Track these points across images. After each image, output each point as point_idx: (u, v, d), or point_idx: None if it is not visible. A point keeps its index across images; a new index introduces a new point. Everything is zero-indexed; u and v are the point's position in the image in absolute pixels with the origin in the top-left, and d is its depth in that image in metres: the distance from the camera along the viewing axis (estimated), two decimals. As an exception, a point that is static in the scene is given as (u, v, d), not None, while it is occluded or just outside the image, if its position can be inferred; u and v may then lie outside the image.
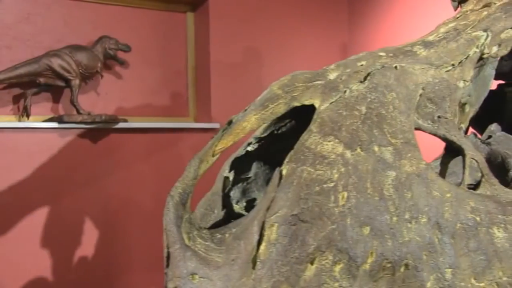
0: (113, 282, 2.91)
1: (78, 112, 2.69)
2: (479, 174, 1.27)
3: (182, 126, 3.02)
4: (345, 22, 3.70)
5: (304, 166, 0.87)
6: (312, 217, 0.83)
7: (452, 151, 1.08)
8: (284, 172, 0.87)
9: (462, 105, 1.55)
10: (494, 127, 1.35)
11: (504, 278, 0.96)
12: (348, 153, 0.89)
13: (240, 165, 1.07)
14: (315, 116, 0.93)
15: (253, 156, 1.08)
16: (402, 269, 0.86)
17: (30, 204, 2.68)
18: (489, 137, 1.33)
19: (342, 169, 0.87)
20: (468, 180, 1.21)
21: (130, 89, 3.09)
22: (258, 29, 3.27)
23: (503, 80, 1.84)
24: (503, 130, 1.79)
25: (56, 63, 2.63)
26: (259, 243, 0.83)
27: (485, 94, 1.51)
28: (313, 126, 0.91)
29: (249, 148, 1.08)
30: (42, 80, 2.64)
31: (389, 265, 0.85)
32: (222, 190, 1.04)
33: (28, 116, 2.68)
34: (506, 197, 1.04)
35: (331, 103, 0.94)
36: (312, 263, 0.82)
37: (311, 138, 0.89)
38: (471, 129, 1.62)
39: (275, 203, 0.84)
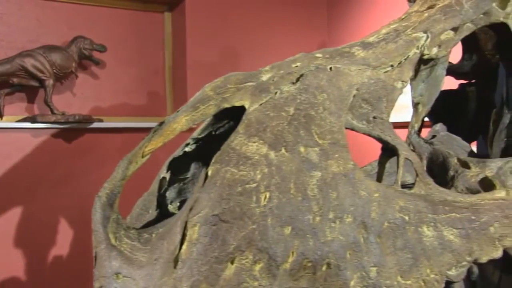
0: (88, 281, 2.91)
1: (52, 112, 2.70)
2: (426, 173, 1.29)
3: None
4: (324, 21, 3.71)
5: (228, 167, 0.88)
6: (233, 217, 0.84)
7: (388, 151, 1.09)
8: (209, 173, 0.88)
9: (415, 105, 1.57)
10: (438, 127, 1.37)
11: (432, 276, 0.97)
12: (272, 154, 0.90)
13: (178, 165, 1.09)
14: (243, 117, 0.94)
15: (191, 156, 1.09)
16: (324, 268, 0.87)
17: (4, 204, 2.68)
18: (433, 136, 1.35)
19: (265, 170, 0.88)
20: (409, 179, 1.22)
21: (107, 89, 3.10)
22: (235, 28, 3.28)
23: (464, 79, 1.86)
24: (465, 127, 1.81)
25: (29, 63, 2.64)
26: (181, 243, 0.84)
27: (437, 94, 1.53)
28: (240, 128, 0.92)
29: (187, 149, 1.09)
30: (15, 80, 2.64)
31: (310, 264, 0.86)
32: (158, 191, 1.05)
33: (1, 116, 2.68)
34: (439, 196, 1.06)
35: (260, 104, 0.96)
36: (232, 263, 0.83)
37: (236, 139, 0.91)
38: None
39: (198, 204, 0.86)
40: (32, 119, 2.63)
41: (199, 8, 3.16)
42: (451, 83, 1.78)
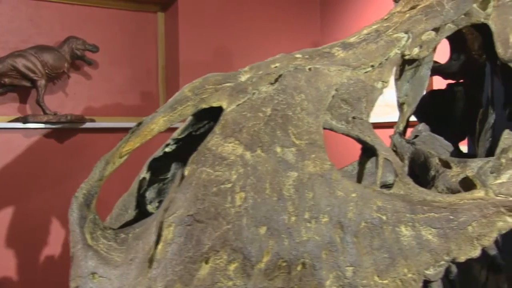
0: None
1: (44, 112, 2.70)
2: (405, 173, 1.29)
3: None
4: (317, 21, 3.71)
5: (203, 167, 0.88)
6: (208, 217, 0.85)
7: (368, 151, 1.09)
8: (185, 173, 0.89)
9: (400, 105, 1.57)
10: (421, 127, 1.37)
11: (409, 275, 0.98)
12: (248, 154, 0.90)
13: (159, 166, 1.09)
14: (220, 118, 0.95)
15: (171, 157, 1.10)
16: (299, 268, 0.88)
17: (-4, 204, 2.69)
18: (416, 136, 1.35)
19: (241, 170, 0.89)
20: (391, 179, 1.23)
21: (100, 89, 3.11)
22: (228, 28, 3.29)
23: (452, 79, 1.87)
24: (453, 127, 1.82)
25: (20, 63, 2.64)
26: (157, 243, 0.85)
27: (422, 93, 1.54)
28: (216, 128, 0.93)
29: (167, 149, 1.09)
30: (7, 80, 2.65)
31: (284, 264, 0.87)
32: (138, 191, 1.05)
33: (-7, 116, 2.69)
34: (419, 196, 1.06)
35: (237, 105, 0.96)
36: (206, 262, 0.84)
37: (213, 139, 0.91)
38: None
39: (173, 204, 0.86)
40: (24, 119, 2.63)
41: (192, 8, 3.16)
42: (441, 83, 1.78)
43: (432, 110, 1.88)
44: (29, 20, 2.88)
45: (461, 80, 1.86)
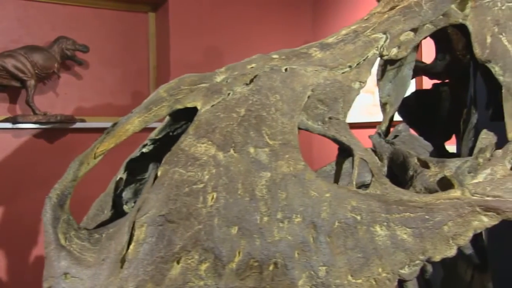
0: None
1: (34, 113, 2.70)
2: (382, 173, 1.30)
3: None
4: (309, 20, 3.72)
5: (176, 168, 0.89)
6: (179, 217, 0.85)
7: (344, 151, 1.10)
8: (158, 173, 0.89)
9: (383, 105, 1.58)
10: (401, 127, 1.38)
11: (384, 274, 0.98)
12: (220, 155, 0.91)
13: (136, 166, 1.09)
14: (194, 119, 0.95)
15: (149, 157, 1.10)
16: (270, 268, 0.88)
17: (-14, 205, 2.69)
18: (396, 136, 1.36)
19: (213, 171, 0.89)
20: (368, 179, 1.23)
21: (91, 89, 3.11)
22: (219, 28, 3.29)
23: (437, 79, 1.87)
24: (439, 127, 1.83)
25: (10, 63, 2.64)
26: (129, 243, 0.85)
27: (404, 93, 1.54)
28: (190, 129, 0.93)
29: (144, 150, 1.10)
30: (-4, 81, 2.65)
31: (256, 264, 0.87)
32: (114, 191, 1.06)
33: (-17, 117, 2.69)
34: (395, 196, 1.06)
35: (212, 105, 0.97)
36: (178, 262, 0.84)
37: (186, 140, 0.92)
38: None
39: (145, 204, 0.87)
40: (14, 120, 2.63)
41: (183, 8, 3.16)
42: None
43: (418, 110, 1.89)
44: (18, 20, 2.88)
45: (447, 80, 1.86)
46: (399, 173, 1.24)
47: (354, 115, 3.40)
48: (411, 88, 2.02)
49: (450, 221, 1.07)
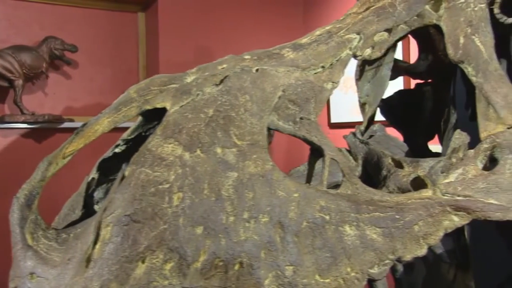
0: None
1: (22, 112, 2.71)
2: (356, 173, 1.31)
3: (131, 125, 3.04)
4: (300, 21, 3.72)
5: (143, 168, 0.90)
6: (145, 217, 0.86)
7: (316, 151, 1.10)
8: (126, 173, 0.90)
9: (362, 105, 1.59)
10: (377, 127, 1.39)
11: (352, 274, 0.99)
12: (187, 155, 0.91)
13: (108, 166, 1.10)
14: (163, 119, 0.96)
15: (121, 157, 1.11)
16: (236, 267, 0.89)
17: (-26, 204, 2.69)
18: (371, 136, 1.36)
19: (179, 171, 0.90)
20: (342, 179, 1.24)
21: (80, 89, 3.11)
22: (209, 28, 3.29)
23: (420, 79, 1.88)
24: (422, 127, 1.84)
25: (-3, 63, 2.65)
26: (95, 242, 0.86)
27: (383, 94, 1.55)
28: (157, 129, 0.94)
29: (116, 150, 1.10)
30: (-17, 80, 2.65)
31: (221, 263, 0.88)
32: (86, 191, 1.06)
33: (-30, 116, 2.70)
34: (366, 196, 1.07)
35: (181, 106, 0.97)
36: (143, 262, 0.85)
37: (153, 140, 0.92)
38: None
39: (111, 204, 0.87)
40: (1, 120, 2.64)
41: (172, 8, 3.17)
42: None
43: (401, 110, 1.90)
44: (7, 20, 2.88)
45: (430, 80, 1.87)
46: (373, 173, 1.25)
47: (353, 115, 3.41)
48: (400, 88, 2.02)
49: (420, 220, 1.07)
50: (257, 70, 1.06)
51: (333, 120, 3.53)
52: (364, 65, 1.52)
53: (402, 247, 1.04)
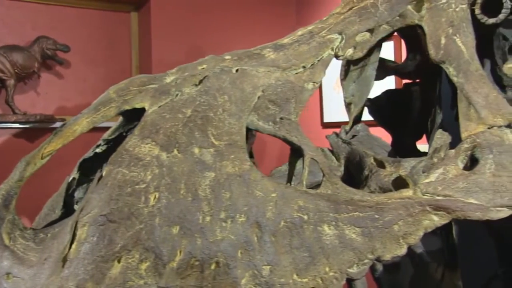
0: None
1: (14, 112, 2.71)
2: (338, 173, 1.31)
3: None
4: (292, 21, 3.73)
5: (119, 168, 0.90)
6: (121, 217, 0.86)
7: (296, 151, 1.11)
8: (103, 173, 0.90)
9: (347, 105, 1.59)
10: (360, 127, 1.39)
11: (331, 274, 0.99)
12: (164, 155, 0.92)
13: (89, 166, 1.10)
14: (141, 119, 0.96)
15: (102, 157, 1.11)
16: (212, 267, 0.89)
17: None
18: (353, 136, 1.37)
19: (156, 171, 0.90)
20: (322, 179, 1.24)
21: (73, 89, 3.11)
22: (201, 27, 3.29)
23: (408, 79, 1.89)
24: (410, 126, 1.84)
25: (-11, 63, 2.65)
26: (71, 242, 0.86)
27: (368, 93, 1.55)
28: (135, 130, 0.94)
29: (97, 150, 1.11)
30: (-25, 80, 2.66)
31: (197, 263, 0.88)
32: (66, 191, 1.07)
33: (-39, 116, 2.70)
34: (346, 196, 1.07)
35: (159, 106, 0.98)
36: (119, 262, 0.85)
37: (131, 140, 0.93)
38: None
39: (88, 204, 0.88)
40: (-8, 119, 2.64)
41: (165, 8, 3.17)
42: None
43: (389, 110, 1.90)
44: (0, 20, 2.88)
45: (418, 80, 1.87)
46: (355, 173, 1.25)
47: (345, 115, 3.41)
48: (392, 88, 2.02)
49: (400, 220, 1.08)
50: (237, 70, 1.07)
51: (326, 120, 3.54)
52: (349, 65, 1.52)
53: (381, 247, 1.05)
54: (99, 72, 3.19)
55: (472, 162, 1.15)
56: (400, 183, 1.17)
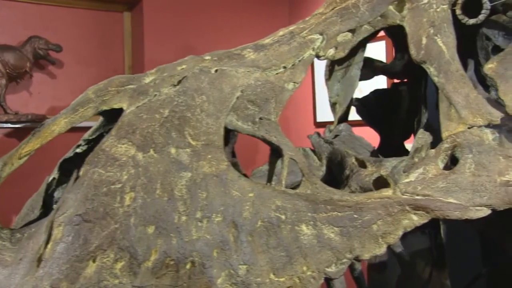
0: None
1: (5, 112, 2.71)
2: (320, 173, 1.31)
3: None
4: (286, 21, 3.73)
5: (96, 168, 0.90)
6: (96, 217, 0.87)
7: (276, 151, 1.11)
8: (80, 173, 0.91)
9: (332, 105, 1.59)
10: (342, 126, 1.39)
11: (308, 273, 0.99)
12: (140, 155, 0.92)
13: (70, 166, 1.10)
14: (118, 120, 0.96)
15: (83, 157, 1.11)
16: (187, 266, 0.89)
17: (-43, 205, 2.69)
18: (336, 136, 1.37)
19: (132, 171, 0.91)
20: (301, 179, 1.24)
21: (66, 88, 3.11)
22: (194, 27, 3.29)
23: (397, 79, 1.89)
24: (398, 126, 1.85)
25: (-20, 63, 2.65)
26: (47, 242, 0.86)
27: (352, 93, 1.56)
28: (113, 130, 0.95)
29: (78, 150, 1.11)
30: (-34, 80, 2.66)
31: (172, 262, 0.88)
32: (46, 191, 1.07)
33: (-47, 116, 2.70)
34: (325, 195, 1.08)
35: (137, 107, 0.98)
36: (94, 261, 0.86)
37: (108, 141, 0.93)
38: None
39: (64, 204, 0.88)
40: (-16, 119, 2.65)
41: (158, 8, 3.17)
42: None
43: (377, 110, 1.90)
44: (-9, 19, 2.89)
45: (406, 80, 1.88)
46: (336, 172, 1.26)
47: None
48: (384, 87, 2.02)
49: (379, 220, 1.08)
50: (216, 70, 1.07)
51: (319, 119, 3.55)
52: (334, 65, 1.53)
53: (360, 246, 1.05)
54: (91, 72, 3.19)
55: (453, 162, 1.15)
56: (381, 183, 1.18)
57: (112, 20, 3.27)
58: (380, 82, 2.15)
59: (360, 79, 1.65)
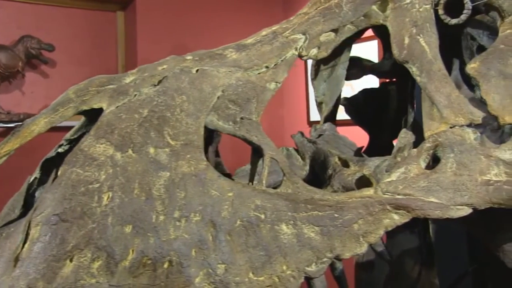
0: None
1: (-3, 111, 2.72)
2: (303, 173, 1.32)
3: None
4: (280, 19, 3.73)
5: (74, 168, 0.91)
6: (73, 216, 0.87)
7: (257, 151, 1.12)
8: (58, 173, 0.91)
9: (319, 104, 1.60)
10: (326, 126, 1.40)
11: (288, 272, 1.00)
12: (118, 155, 0.92)
13: (51, 166, 1.11)
14: (98, 120, 0.97)
15: (64, 157, 1.11)
16: (165, 266, 0.90)
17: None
18: (320, 136, 1.37)
19: (110, 171, 0.91)
20: (282, 178, 1.25)
21: (59, 88, 3.11)
22: (187, 27, 3.30)
23: (385, 78, 1.90)
24: (387, 125, 1.85)
25: (-28, 62, 2.66)
26: (24, 242, 0.87)
27: (338, 93, 1.56)
28: (91, 130, 0.95)
29: (60, 150, 1.11)
30: (-41, 79, 2.66)
31: (149, 261, 0.89)
32: (27, 191, 1.07)
33: None
34: (306, 195, 1.08)
35: (116, 107, 0.98)
36: (71, 261, 0.86)
37: (86, 141, 0.94)
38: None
39: (42, 203, 0.89)
40: (-24, 119, 2.65)
41: (151, 7, 3.17)
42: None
43: (365, 109, 1.91)
44: (-17, 19, 2.89)
45: (394, 79, 1.88)
46: (319, 172, 1.26)
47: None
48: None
49: (360, 219, 1.08)
50: (197, 70, 1.07)
51: (312, 119, 3.55)
52: (319, 64, 1.54)
53: (340, 245, 1.05)
54: (84, 71, 3.20)
55: (435, 161, 1.16)
56: (363, 182, 1.18)
57: (105, 20, 3.28)
58: (372, 81, 2.16)
59: (349, 79, 1.66)
